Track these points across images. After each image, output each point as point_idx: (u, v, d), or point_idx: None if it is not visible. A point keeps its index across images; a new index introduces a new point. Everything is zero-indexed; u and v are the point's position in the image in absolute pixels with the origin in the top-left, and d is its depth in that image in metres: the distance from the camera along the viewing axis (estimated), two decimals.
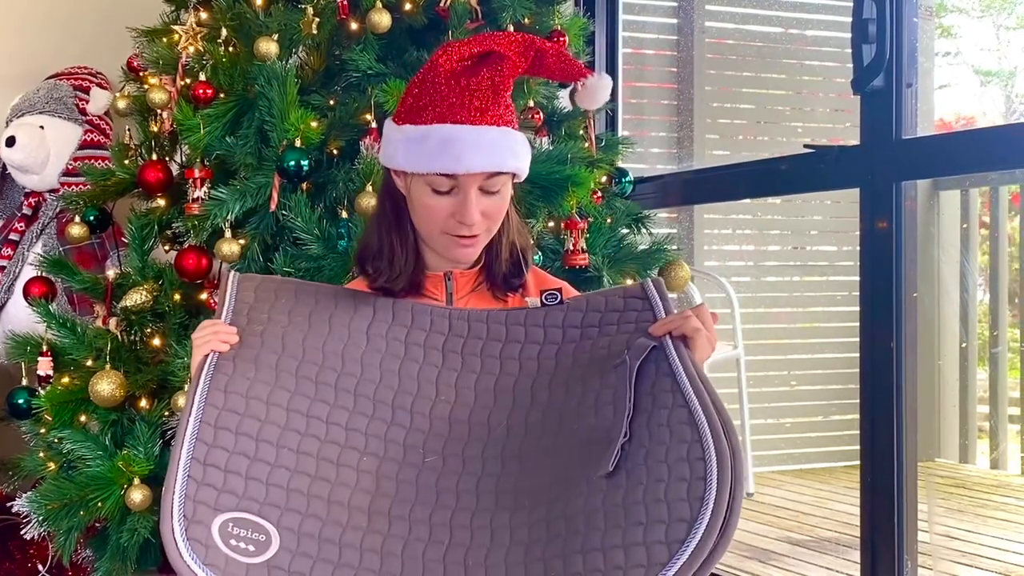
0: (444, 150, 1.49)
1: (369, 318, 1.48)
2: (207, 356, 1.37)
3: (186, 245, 2.24)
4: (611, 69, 3.29)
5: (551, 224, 2.31)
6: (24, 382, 2.38)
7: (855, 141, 2.31)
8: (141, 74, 2.59)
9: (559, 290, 1.52)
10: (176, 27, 2.42)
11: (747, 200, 4.39)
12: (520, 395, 1.41)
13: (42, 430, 2.27)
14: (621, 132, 3.26)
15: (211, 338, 1.39)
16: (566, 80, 1.74)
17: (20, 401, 2.33)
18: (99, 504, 2.08)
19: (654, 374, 1.32)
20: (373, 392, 1.40)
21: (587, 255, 2.26)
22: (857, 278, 2.31)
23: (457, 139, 1.49)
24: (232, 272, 1.53)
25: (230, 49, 2.33)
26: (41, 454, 2.29)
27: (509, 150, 1.52)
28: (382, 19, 2.23)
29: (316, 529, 1.25)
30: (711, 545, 1.13)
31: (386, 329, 1.47)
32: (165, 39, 2.44)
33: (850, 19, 2.22)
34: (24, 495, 2.17)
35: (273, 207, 2.14)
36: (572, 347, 1.44)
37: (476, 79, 1.48)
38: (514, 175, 1.56)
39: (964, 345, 4.11)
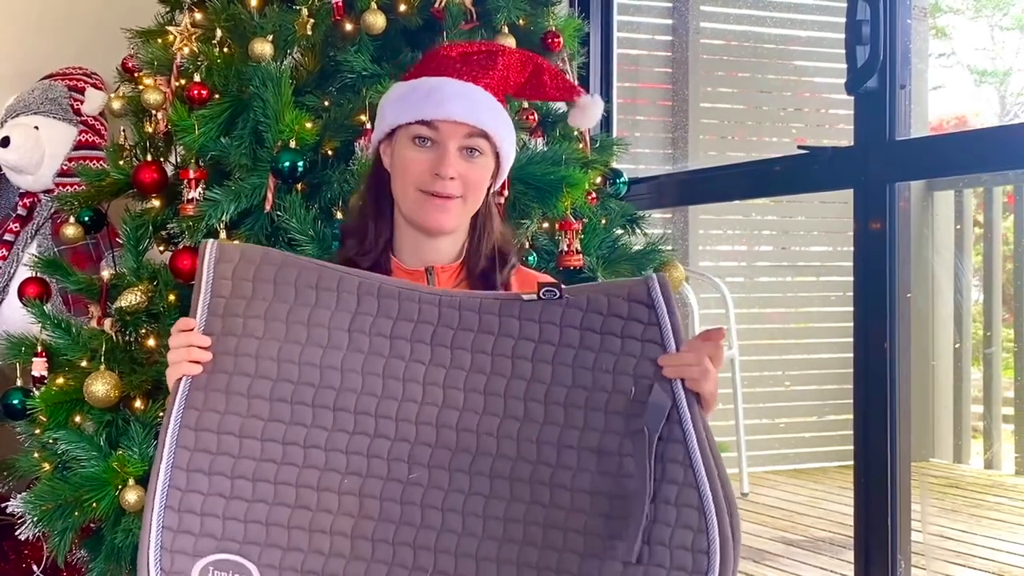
0: (428, 97, 1.54)
1: (352, 311, 1.39)
2: (179, 381, 1.35)
3: (181, 246, 2.24)
4: (605, 70, 3.29)
5: (545, 225, 2.31)
6: (19, 382, 2.38)
7: (848, 142, 2.32)
8: (136, 75, 2.59)
9: (556, 286, 1.43)
10: (171, 28, 2.41)
11: (741, 201, 4.39)
12: (512, 402, 1.36)
13: (37, 431, 2.26)
14: (616, 133, 3.26)
15: (184, 357, 1.36)
16: (560, 99, 1.80)
17: (15, 402, 2.33)
18: (94, 505, 2.07)
19: (665, 436, 1.31)
20: (354, 404, 1.35)
21: (581, 256, 2.26)
22: (851, 278, 2.31)
23: (442, 88, 1.54)
24: (210, 244, 1.43)
25: (225, 50, 2.33)
26: (36, 455, 2.28)
27: (490, 111, 1.56)
28: (377, 20, 2.23)
29: (298, 562, 1.26)
30: None
31: (369, 324, 1.38)
32: (160, 40, 2.43)
33: (844, 20, 2.23)
34: (19, 496, 2.16)
35: (268, 208, 2.14)
36: (571, 355, 1.37)
37: (473, 56, 1.58)
38: (496, 170, 1.60)
39: (958, 345, 4.12)
